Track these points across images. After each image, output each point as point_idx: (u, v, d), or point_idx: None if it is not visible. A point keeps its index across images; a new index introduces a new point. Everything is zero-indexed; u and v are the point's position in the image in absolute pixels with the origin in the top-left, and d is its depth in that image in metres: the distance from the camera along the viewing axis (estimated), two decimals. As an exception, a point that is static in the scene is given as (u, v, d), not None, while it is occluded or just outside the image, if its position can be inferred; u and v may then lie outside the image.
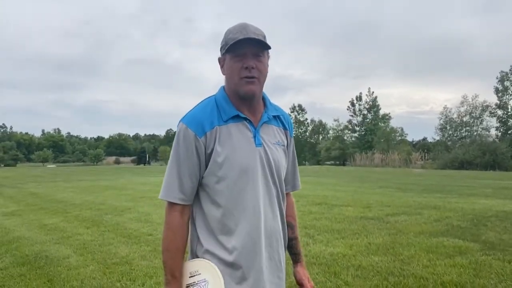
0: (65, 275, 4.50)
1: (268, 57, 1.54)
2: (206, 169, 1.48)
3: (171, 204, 1.49)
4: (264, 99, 1.59)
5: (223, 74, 1.54)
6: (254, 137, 1.50)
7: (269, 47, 1.48)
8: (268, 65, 1.53)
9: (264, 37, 1.48)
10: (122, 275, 4.45)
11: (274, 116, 1.61)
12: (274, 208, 1.56)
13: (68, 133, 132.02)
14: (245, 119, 1.51)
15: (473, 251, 5.03)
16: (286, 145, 1.65)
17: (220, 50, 1.52)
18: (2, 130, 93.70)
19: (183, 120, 1.49)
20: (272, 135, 1.58)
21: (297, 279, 1.71)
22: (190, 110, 1.53)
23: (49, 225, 7.59)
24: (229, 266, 1.46)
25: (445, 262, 4.60)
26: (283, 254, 1.61)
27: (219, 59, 1.55)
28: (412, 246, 5.34)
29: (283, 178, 1.61)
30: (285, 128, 1.66)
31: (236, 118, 1.50)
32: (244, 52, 1.44)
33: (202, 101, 1.57)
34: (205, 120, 1.46)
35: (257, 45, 1.45)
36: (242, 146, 1.48)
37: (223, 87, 1.57)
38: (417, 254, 4.94)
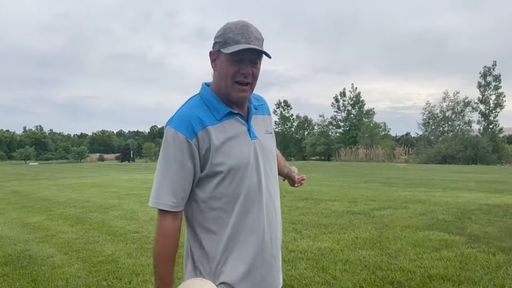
0: (49, 275, 4.41)
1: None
2: (203, 171, 1.45)
3: (163, 211, 1.45)
4: None
5: (214, 69, 1.50)
6: (249, 130, 1.52)
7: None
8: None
9: (263, 41, 1.46)
10: (108, 274, 4.38)
11: (258, 105, 1.64)
12: (272, 198, 1.58)
13: (51, 130, 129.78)
14: (237, 114, 1.51)
15: (458, 244, 5.08)
16: (272, 130, 1.70)
17: (214, 44, 1.47)
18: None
19: (171, 123, 1.44)
20: (261, 125, 1.61)
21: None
22: (176, 112, 1.48)
23: (32, 223, 7.45)
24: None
25: (431, 256, 4.64)
26: (279, 243, 1.65)
27: (211, 53, 1.49)
28: (399, 240, 5.38)
29: (276, 165, 1.68)
30: (268, 114, 1.70)
31: (229, 114, 1.49)
32: (243, 58, 1.41)
33: (187, 101, 1.53)
34: (194, 121, 1.42)
35: (256, 53, 1.43)
36: (240, 141, 1.48)
37: (206, 84, 1.55)
38: (404, 248, 4.98)
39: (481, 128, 46.84)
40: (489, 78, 46.61)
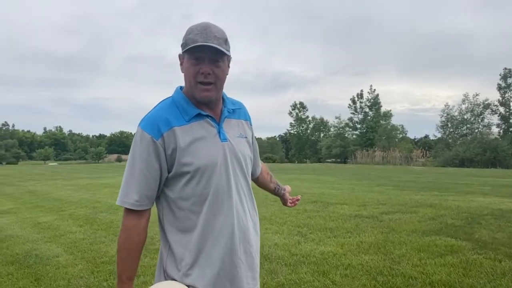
0: (53, 274, 4.48)
1: (229, 60, 1.53)
2: (170, 171, 1.47)
3: (128, 210, 1.47)
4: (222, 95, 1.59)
5: (182, 71, 1.52)
6: (219, 132, 1.52)
7: (226, 54, 1.46)
8: (229, 67, 1.53)
9: (225, 40, 1.47)
10: (110, 274, 4.42)
11: (233, 110, 1.63)
12: (243, 201, 1.57)
13: (70, 130, 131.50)
14: (207, 116, 1.51)
15: (464, 250, 4.98)
16: (250, 135, 1.68)
17: (181, 47, 1.49)
18: (4, 128, 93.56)
19: (140, 124, 1.48)
20: (235, 128, 1.60)
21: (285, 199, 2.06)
22: (147, 114, 1.51)
23: (42, 223, 7.58)
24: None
25: (435, 261, 4.55)
26: (256, 248, 1.64)
27: (179, 56, 1.53)
28: (404, 245, 5.30)
29: (250, 170, 1.66)
30: (245, 119, 1.68)
31: (198, 116, 1.50)
32: (202, 56, 1.43)
33: (158, 103, 1.55)
34: (160, 121, 1.45)
35: (215, 51, 1.43)
36: (208, 142, 1.49)
37: (180, 87, 1.57)
38: (408, 253, 4.90)
39: (501, 131, 45.97)
40: (509, 80, 45.72)
